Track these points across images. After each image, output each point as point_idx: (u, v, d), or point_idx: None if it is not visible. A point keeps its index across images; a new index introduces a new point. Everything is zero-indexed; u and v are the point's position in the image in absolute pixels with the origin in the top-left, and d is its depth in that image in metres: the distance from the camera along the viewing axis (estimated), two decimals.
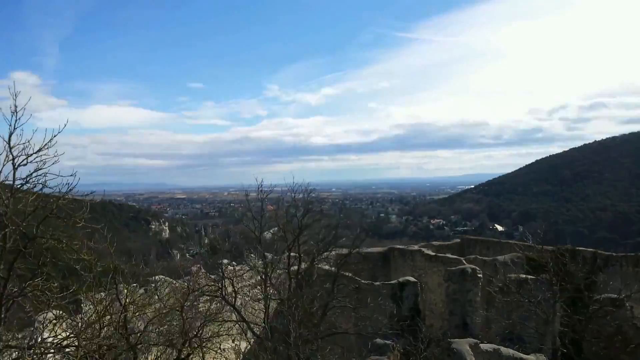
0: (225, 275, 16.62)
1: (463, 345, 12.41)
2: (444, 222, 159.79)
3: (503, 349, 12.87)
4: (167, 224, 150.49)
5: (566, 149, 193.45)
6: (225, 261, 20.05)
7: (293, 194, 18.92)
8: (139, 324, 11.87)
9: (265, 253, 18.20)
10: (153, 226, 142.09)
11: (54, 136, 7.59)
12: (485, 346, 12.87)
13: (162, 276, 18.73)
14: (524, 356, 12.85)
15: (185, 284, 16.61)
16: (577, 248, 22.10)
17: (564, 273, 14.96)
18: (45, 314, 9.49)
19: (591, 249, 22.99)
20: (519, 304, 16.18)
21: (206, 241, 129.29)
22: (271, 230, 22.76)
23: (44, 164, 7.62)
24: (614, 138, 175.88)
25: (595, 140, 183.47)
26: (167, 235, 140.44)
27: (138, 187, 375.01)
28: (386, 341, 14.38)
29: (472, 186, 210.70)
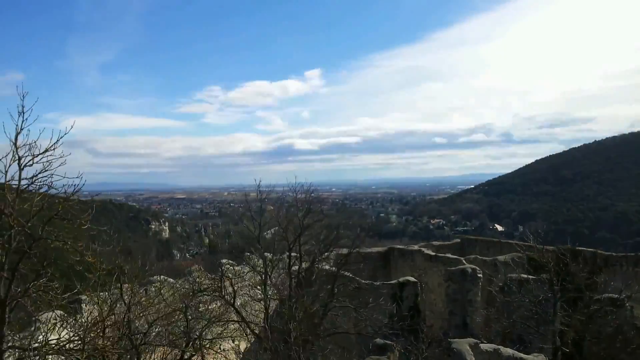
0: (225, 275, 16.64)
1: (463, 345, 12.44)
2: (444, 222, 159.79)
3: (503, 349, 12.89)
4: (167, 224, 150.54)
5: (566, 149, 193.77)
6: (225, 261, 20.09)
7: (295, 194, 18.95)
8: (142, 325, 11.90)
9: (266, 253, 18.23)
10: (153, 226, 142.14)
11: (60, 137, 7.62)
12: (485, 346, 12.89)
13: (162, 276, 18.76)
14: (524, 356, 12.86)
15: (186, 284, 16.65)
16: (578, 248, 22.14)
17: (564, 273, 14.98)
18: (48, 315, 9.52)
19: (591, 249, 23.01)
20: (520, 304, 16.21)
21: (206, 241, 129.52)
22: (271, 230, 22.79)
23: (50, 164, 7.63)
24: (614, 138, 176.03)
25: (595, 140, 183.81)
26: (167, 235, 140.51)
27: (138, 187, 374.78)
28: (386, 341, 14.41)
29: (472, 186, 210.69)
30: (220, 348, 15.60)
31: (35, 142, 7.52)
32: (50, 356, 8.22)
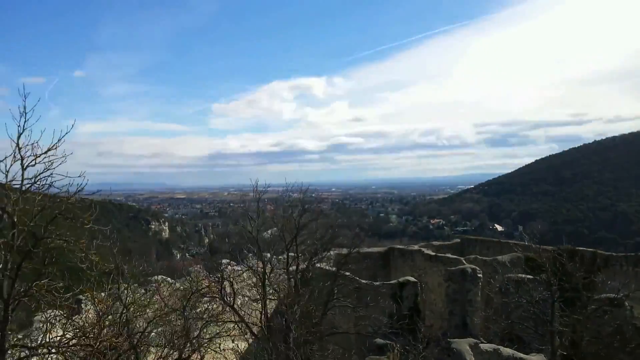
0: (224, 275, 16.66)
1: (463, 345, 12.49)
2: (444, 222, 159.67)
3: (503, 349, 12.94)
4: (167, 224, 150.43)
5: (566, 149, 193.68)
6: (224, 261, 20.12)
7: (291, 194, 19.01)
8: (140, 324, 11.95)
9: (264, 253, 18.25)
10: (153, 226, 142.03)
11: (62, 137, 7.68)
12: (485, 346, 12.94)
13: (162, 276, 18.80)
14: (524, 356, 12.92)
15: (186, 284, 16.69)
16: (577, 248, 22.17)
17: (561, 273, 15.01)
18: (49, 314, 9.57)
19: (591, 249, 23.07)
20: (518, 304, 16.25)
21: (206, 241, 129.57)
22: (269, 231, 22.83)
23: (52, 164, 7.68)
24: (613, 138, 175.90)
25: (595, 140, 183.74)
26: (167, 235, 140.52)
27: (138, 187, 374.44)
28: (386, 341, 14.47)
29: (472, 186, 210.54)
30: (220, 348, 15.63)
31: (37, 142, 7.59)
32: (51, 355, 8.27)
